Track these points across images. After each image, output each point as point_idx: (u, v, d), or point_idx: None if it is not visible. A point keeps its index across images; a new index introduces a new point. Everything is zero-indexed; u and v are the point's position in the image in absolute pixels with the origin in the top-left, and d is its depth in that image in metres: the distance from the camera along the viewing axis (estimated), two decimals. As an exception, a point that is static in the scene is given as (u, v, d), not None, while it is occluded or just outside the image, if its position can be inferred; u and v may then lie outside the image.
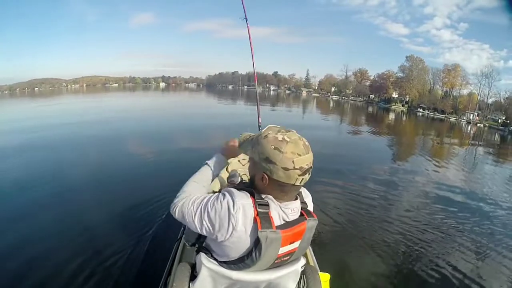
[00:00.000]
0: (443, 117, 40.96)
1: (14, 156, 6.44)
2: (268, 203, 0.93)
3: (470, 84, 45.58)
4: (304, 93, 66.70)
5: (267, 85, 71.49)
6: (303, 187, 1.06)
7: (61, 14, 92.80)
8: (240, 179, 1.79)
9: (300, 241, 0.98)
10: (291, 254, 0.99)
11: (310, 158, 0.93)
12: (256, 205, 0.92)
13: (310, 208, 1.06)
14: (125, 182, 4.73)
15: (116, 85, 75.62)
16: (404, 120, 31.77)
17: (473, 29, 62.74)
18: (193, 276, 1.06)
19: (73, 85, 71.61)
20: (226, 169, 2.19)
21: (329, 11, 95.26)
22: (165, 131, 10.28)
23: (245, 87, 71.04)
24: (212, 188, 1.75)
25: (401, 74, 51.70)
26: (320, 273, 1.34)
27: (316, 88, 68.61)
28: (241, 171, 2.06)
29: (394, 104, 50.04)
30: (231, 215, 0.91)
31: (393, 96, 52.44)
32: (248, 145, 1.02)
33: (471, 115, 40.70)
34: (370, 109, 42.62)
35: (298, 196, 1.02)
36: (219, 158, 1.24)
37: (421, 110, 45.47)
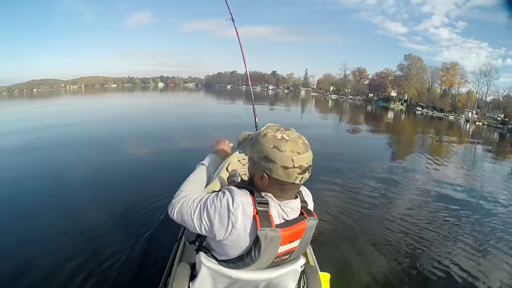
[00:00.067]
0: (442, 116, 41.10)
1: (13, 157, 6.42)
2: (268, 202, 0.93)
3: (469, 83, 45.91)
4: (303, 93, 66.61)
5: (266, 85, 71.46)
6: (303, 186, 1.06)
7: (59, 14, 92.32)
8: (240, 179, 1.79)
9: (300, 240, 0.98)
10: (291, 253, 0.99)
11: (310, 157, 0.92)
12: (256, 203, 0.91)
13: (310, 207, 1.06)
14: (124, 182, 4.71)
15: (115, 86, 75.31)
16: (403, 119, 31.85)
17: (472, 28, 63.11)
18: (193, 276, 1.06)
19: (72, 86, 71.29)
20: (226, 169, 2.19)
21: (327, 10, 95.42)
22: (164, 131, 10.24)
23: (244, 87, 70.95)
24: (212, 188, 1.74)
25: (400, 73, 51.97)
26: (320, 273, 1.33)
27: (315, 87, 68.57)
28: (241, 171, 2.05)
29: (393, 103, 50.15)
30: (231, 213, 0.90)
31: (392, 95, 52.55)
32: (247, 144, 1.02)
33: (470, 114, 40.86)
34: (369, 108, 42.67)
35: (298, 195, 1.01)
36: (213, 158, 1.24)
37: (420, 109, 45.61)
